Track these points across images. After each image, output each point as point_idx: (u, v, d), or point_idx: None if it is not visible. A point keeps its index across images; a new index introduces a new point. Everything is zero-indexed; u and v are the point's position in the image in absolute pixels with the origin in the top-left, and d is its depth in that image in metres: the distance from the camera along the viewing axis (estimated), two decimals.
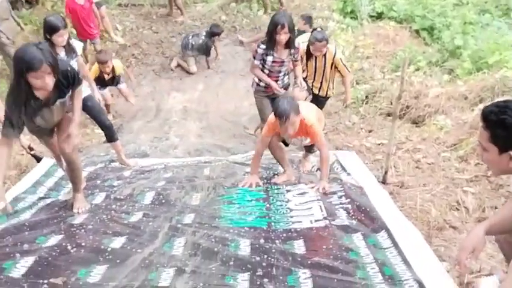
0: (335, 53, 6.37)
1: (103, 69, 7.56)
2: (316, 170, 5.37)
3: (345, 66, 6.47)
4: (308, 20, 8.91)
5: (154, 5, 12.39)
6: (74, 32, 9.05)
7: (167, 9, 12.12)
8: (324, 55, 6.30)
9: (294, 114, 4.49)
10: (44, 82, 3.51)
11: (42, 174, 5.44)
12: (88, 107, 5.40)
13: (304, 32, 7.99)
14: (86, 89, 5.30)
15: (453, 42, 8.91)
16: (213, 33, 9.93)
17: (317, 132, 4.79)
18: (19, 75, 3.50)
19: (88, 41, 9.03)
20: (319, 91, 6.61)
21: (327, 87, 6.57)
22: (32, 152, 5.62)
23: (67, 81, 3.88)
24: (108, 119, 5.91)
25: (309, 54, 6.33)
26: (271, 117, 4.70)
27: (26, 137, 5.58)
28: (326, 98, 6.73)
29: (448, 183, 4.87)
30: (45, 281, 3.10)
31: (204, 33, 9.95)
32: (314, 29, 6.51)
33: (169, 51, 10.66)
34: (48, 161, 5.68)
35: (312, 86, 6.57)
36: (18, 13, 10.52)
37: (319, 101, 6.54)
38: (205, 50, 9.94)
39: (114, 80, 7.93)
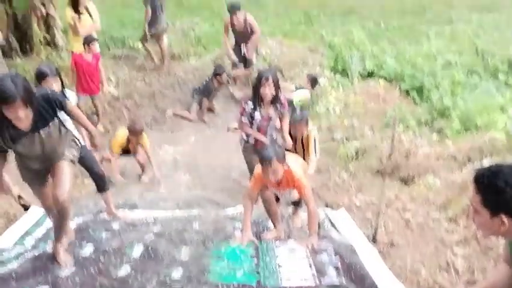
0: (311, 130, 6.13)
1: (133, 141, 7.20)
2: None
3: (314, 148, 6.07)
4: (313, 80, 9.16)
5: (147, 58, 12.52)
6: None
7: (152, 62, 12.29)
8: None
9: (277, 160, 4.49)
10: (16, 115, 3.54)
11: (32, 224, 5.40)
12: (81, 156, 5.35)
13: (303, 88, 8.16)
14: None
15: (442, 102, 9.05)
16: (215, 73, 10.11)
17: (304, 185, 4.79)
18: None
19: (88, 96, 9.07)
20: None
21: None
22: (21, 202, 5.59)
23: (49, 105, 3.89)
24: (101, 169, 5.87)
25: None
26: (258, 168, 4.70)
27: (16, 187, 5.56)
28: None
29: (437, 243, 4.88)
30: None
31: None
32: (295, 112, 6.34)
33: (162, 103, 10.74)
34: (37, 210, 5.64)
35: None
36: (12, 62, 10.62)
37: None
38: (205, 91, 10.17)
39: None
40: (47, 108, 3.88)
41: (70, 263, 4.27)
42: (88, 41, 8.96)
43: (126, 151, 7.48)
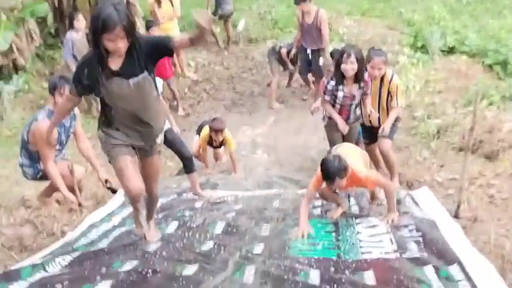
0: (392, 77, 6.02)
1: (214, 137, 7.21)
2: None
3: (397, 97, 5.99)
4: None
5: (225, 42, 12.68)
6: None
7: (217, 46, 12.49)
8: (382, 79, 5.98)
9: (340, 178, 4.43)
10: (116, 45, 3.41)
11: (117, 206, 5.61)
12: (168, 140, 5.47)
13: None
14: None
15: None
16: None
17: (373, 179, 4.74)
18: (93, 35, 3.45)
19: (162, 81, 9.27)
20: (371, 122, 6.29)
21: (384, 117, 6.19)
22: (108, 185, 5.81)
23: (145, 51, 3.62)
24: (189, 151, 6.00)
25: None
26: (319, 171, 4.61)
27: (103, 169, 5.80)
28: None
29: None
30: None
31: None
32: (372, 48, 6.19)
33: (240, 86, 10.88)
34: (122, 195, 5.85)
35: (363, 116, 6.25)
36: None
37: (372, 133, 6.34)
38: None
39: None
40: (149, 51, 3.65)
41: (157, 238, 4.42)
42: (147, 26, 9.19)
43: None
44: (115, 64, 3.58)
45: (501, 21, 12.64)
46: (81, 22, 9.15)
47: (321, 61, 9.44)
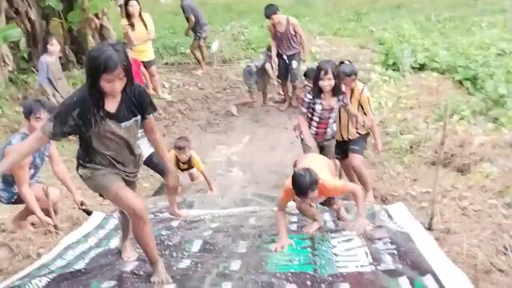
0: (363, 90, 6.27)
1: (179, 156, 6.99)
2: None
3: (370, 108, 6.32)
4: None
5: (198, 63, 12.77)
6: None
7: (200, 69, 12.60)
8: (352, 91, 6.20)
9: (312, 191, 4.50)
10: (113, 86, 3.35)
11: (93, 227, 5.60)
12: (153, 163, 5.57)
13: None
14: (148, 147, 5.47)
15: (497, 91, 8.88)
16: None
17: (341, 188, 4.86)
18: (91, 75, 3.36)
19: None
20: (341, 134, 6.47)
21: (353, 129, 6.43)
22: (83, 207, 5.80)
23: (140, 100, 3.66)
24: None
25: None
26: (289, 183, 4.66)
27: (79, 192, 5.79)
28: (351, 140, 6.49)
29: (494, 229, 4.82)
30: None
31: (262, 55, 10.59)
32: (342, 62, 6.36)
33: (215, 106, 10.94)
34: (99, 215, 5.87)
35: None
36: (70, 73, 10.99)
37: (343, 148, 6.51)
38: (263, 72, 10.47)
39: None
40: (138, 102, 3.66)
41: (134, 258, 4.41)
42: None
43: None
44: (110, 106, 3.55)
45: (470, 38, 12.91)
46: (55, 46, 9.13)
47: (294, 64, 10.26)
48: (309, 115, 5.95)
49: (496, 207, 5.44)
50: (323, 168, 4.96)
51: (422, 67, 11.50)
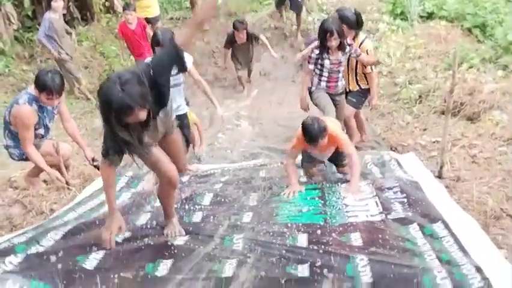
0: (363, 41, 6.27)
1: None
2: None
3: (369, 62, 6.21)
4: None
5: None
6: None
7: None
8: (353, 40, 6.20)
9: (322, 138, 4.57)
10: (136, 119, 3.18)
11: None
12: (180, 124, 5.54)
13: None
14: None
15: (506, 38, 8.75)
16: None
17: (344, 140, 4.85)
18: (107, 119, 3.19)
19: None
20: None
21: (353, 81, 6.47)
22: (94, 163, 5.82)
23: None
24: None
25: None
26: (299, 132, 4.72)
27: (89, 148, 5.80)
28: (351, 92, 6.53)
29: (504, 175, 4.82)
30: (116, 275, 3.24)
31: None
32: (338, 10, 6.38)
33: (222, 60, 10.85)
34: None
35: None
36: (75, 30, 10.92)
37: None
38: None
39: None
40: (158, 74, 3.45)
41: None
42: (127, 6, 9.19)
43: None
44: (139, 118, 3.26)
45: None
46: (59, 3, 9.08)
47: None
48: (318, 71, 5.96)
49: (506, 154, 5.44)
50: (335, 123, 5.05)
51: (430, 16, 11.32)
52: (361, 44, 6.18)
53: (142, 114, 3.18)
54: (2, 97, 9.25)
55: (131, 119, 3.15)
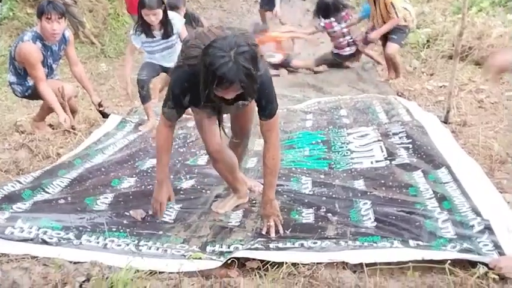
0: None
1: None
2: None
3: (395, 11, 6.89)
4: None
5: None
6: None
7: None
8: None
9: None
10: (228, 95, 2.81)
11: (112, 128, 5.64)
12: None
13: None
14: None
15: None
16: None
17: None
18: (205, 82, 2.75)
19: None
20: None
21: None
22: (101, 108, 5.81)
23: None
24: None
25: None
26: None
27: (95, 93, 5.79)
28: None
29: (511, 120, 4.80)
30: (127, 213, 3.34)
31: None
32: None
33: (227, 4, 10.71)
34: (116, 118, 5.87)
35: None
36: None
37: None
38: None
39: None
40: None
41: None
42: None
43: None
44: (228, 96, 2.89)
45: None
46: None
47: None
48: None
49: None
50: None
51: None
52: None
53: (232, 94, 2.81)
54: (7, 41, 9.19)
55: (224, 93, 2.77)
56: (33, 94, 5.36)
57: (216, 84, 2.68)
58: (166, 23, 5.22)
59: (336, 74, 7.97)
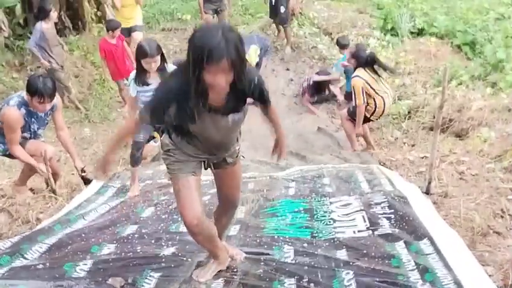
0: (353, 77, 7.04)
1: None
2: None
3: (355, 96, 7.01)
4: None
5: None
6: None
7: None
8: None
9: None
10: (215, 80, 2.70)
11: (93, 193, 5.62)
12: None
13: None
14: None
15: (495, 56, 8.85)
16: None
17: None
18: (194, 64, 2.67)
19: (125, 79, 8.84)
20: None
21: None
22: (83, 174, 5.80)
23: (253, 90, 3.01)
24: None
25: None
26: None
27: (79, 160, 5.79)
28: None
29: (492, 192, 4.84)
30: (106, 281, 3.28)
31: None
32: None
33: None
34: (97, 183, 5.86)
35: None
36: (66, 39, 10.92)
37: None
38: None
39: None
40: (245, 94, 3.02)
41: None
42: (111, 27, 9.17)
43: None
44: (216, 101, 2.93)
45: (468, 2, 12.79)
46: (55, 13, 9.17)
47: (282, 9, 11.08)
48: None
49: (494, 171, 5.45)
50: None
51: (420, 32, 11.46)
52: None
53: (224, 78, 2.71)
54: None
55: (212, 72, 2.66)
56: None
57: (205, 60, 2.60)
58: (163, 69, 5.20)
59: (319, 141, 8.05)
